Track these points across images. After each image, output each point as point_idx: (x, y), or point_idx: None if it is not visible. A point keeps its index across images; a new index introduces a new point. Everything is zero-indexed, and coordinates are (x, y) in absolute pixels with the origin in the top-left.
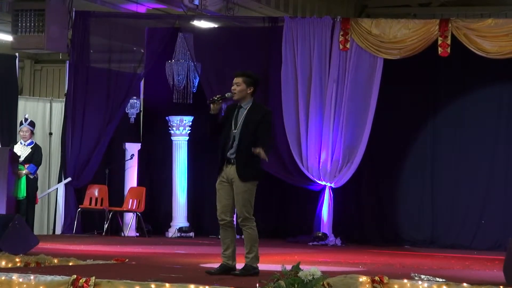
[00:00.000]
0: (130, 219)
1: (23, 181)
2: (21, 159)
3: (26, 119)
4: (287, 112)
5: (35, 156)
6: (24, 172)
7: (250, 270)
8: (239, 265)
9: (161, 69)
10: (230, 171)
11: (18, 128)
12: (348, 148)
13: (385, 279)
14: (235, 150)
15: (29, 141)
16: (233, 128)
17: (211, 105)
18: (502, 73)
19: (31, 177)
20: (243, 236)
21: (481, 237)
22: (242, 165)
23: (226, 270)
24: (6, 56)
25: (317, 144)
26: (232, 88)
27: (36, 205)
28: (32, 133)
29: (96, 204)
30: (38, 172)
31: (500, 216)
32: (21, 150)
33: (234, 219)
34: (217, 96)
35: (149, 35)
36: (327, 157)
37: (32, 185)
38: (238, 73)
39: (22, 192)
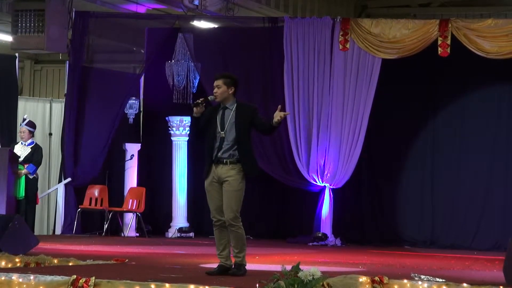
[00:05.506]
0: (130, 219)
1: (22, 181)
2: (21, 159)
3: (24, 119)
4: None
5: (35, 156)
6: (23, 172)
7: (241, 270)
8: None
9: (161, 70)
10: (222, 171)
11: (18, 129)
12: (347, 148)
13: (385, 280)
14: (228, 150)
15: (29, 141)
16: (219, 129)
17: (195, 108)
18: (502, 73)
19: (30, 177)
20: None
21: (481, 237)
22: (247, 163)
23: (225, 270)
24: (6, 56)
25: (316, 145)
26: (214, 91)
27: (36, 205)
28: (30, 133)
29: (96, 205)
30: (38, 172)
31: (500, 216)
32: (21, 150)
33: None
34: (201, 99)
35: (148, 35)
36: (326, 157)
37: (32, 185)
38: (217, 76)
39: (21, 192)
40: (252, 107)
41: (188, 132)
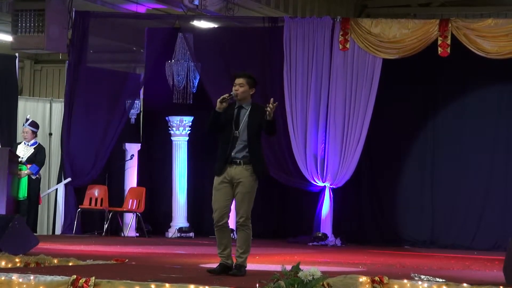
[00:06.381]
0: (130, 219)
1: (24, 181)
2: (24, 159)
3: (27, 120)
4: (287, 112)
5: (38, 157)
6: (25, 172)
7: (242, 271)
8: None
9: (161, 69)
10: (235, 171)
11: (20, 129)
12: (347, 148)
13: (385, 279)
14: (241, 150)
15: (32, 141)
16: (234, 128)
17: (219, 103)
18: (502, 73)
19: (33, 177)
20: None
21: (481, 237)
22: (256, 164)
23: (226, 269)
24: (6, 56)
25: (316, 144)
26: (235, 89)
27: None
28: (33, 133)
29: (96, 204)
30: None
31: (500, 216)
32: (24, 150)
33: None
34: (227, 94)
35: (149, 35)
36: (326, 157)
37: (34, 185)
38: (240, 74)
39: (23, 192)
40: (263, 108)
41: (189, 132)
